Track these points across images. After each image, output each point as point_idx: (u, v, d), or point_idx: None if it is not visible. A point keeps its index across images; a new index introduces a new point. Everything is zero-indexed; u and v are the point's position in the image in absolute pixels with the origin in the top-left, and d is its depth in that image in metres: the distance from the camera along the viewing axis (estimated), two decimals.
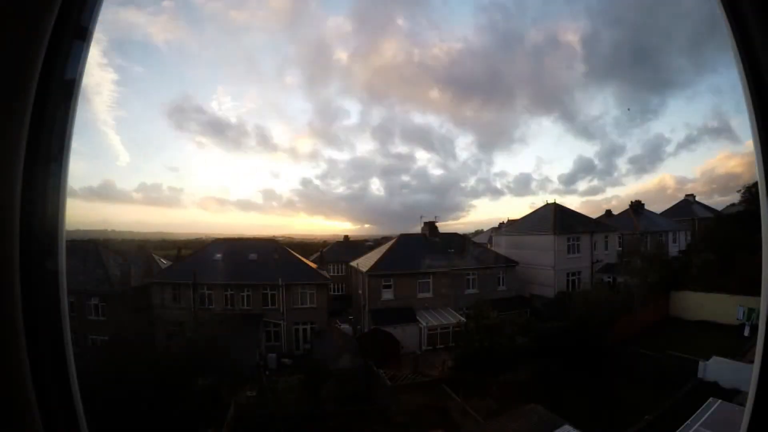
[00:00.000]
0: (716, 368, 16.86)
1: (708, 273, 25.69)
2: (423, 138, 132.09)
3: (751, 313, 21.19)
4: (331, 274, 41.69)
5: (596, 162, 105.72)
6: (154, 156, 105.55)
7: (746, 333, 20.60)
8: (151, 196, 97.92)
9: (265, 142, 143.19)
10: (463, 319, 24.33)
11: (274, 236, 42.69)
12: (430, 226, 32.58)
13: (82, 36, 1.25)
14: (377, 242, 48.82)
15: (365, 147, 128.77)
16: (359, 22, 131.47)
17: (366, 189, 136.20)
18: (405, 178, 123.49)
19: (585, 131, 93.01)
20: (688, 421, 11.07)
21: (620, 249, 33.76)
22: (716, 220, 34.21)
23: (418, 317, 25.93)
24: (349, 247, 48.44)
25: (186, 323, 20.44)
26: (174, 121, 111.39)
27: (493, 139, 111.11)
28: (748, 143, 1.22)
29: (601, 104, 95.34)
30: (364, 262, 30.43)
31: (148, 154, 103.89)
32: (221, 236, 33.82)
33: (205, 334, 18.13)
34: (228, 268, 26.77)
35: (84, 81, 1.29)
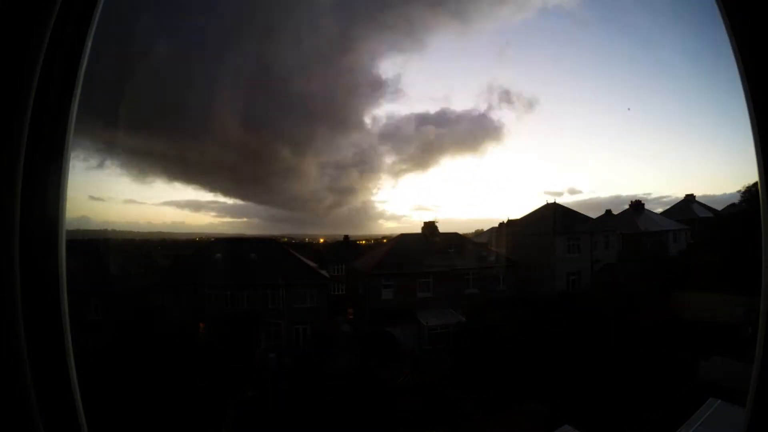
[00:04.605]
0: (716, 368, 16.83)
1: (708, 273, 25.65)
2: None
3: (752, 313, 21.17)
4: (331, 274, 41.64)
5: None
6: None
7: (747, 333, 20.58)
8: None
9: None
10: (463, 318, 24.32)
11: (274, 236, 42.62)
12: (430, 227, 32.54)
13: (82, 36, 1.25)
14: (377, 242, 48.84)
15: None
16: None
17: None
18: None
19: None
20: (688, 421, 11.05)
21: (620, 249, 33.73)
22: (716, 220, 34.19)
23: (418, 317, 25.92)
24: (349, 247, 48.36)
25: (186, 323, 20.43)
26: None
27: None
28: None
29: None
30: (364, 262, 30.42)
31: None
32: (221, 236, 33.83)
33: (206, 333, 18.15)
34: (228, 268, 26.76)
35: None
